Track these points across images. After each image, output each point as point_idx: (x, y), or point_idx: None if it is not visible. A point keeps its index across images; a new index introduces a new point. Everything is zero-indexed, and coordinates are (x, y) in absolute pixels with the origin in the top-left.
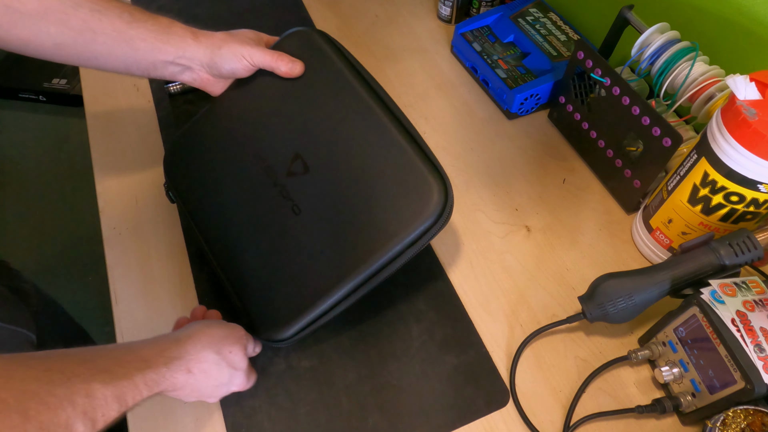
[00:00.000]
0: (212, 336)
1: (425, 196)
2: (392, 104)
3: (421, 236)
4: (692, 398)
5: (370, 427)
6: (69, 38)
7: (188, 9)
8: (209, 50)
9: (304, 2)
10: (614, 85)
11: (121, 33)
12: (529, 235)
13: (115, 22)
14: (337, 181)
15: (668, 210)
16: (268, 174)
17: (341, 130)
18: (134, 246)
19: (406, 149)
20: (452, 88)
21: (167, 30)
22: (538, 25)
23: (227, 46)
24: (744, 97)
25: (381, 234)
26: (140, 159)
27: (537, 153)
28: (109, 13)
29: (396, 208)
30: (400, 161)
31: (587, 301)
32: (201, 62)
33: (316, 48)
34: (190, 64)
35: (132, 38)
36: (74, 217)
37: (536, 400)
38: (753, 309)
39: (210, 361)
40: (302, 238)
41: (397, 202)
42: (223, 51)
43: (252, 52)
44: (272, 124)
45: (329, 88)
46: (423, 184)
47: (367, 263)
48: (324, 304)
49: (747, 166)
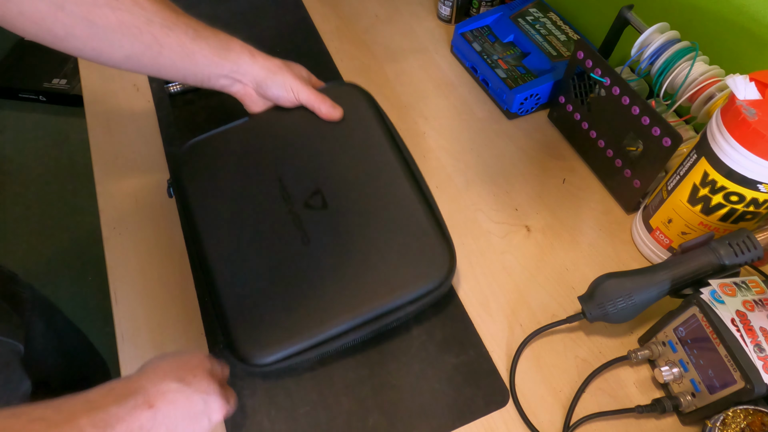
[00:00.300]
0: (168, 365)
1: (434, 261)
2: (416, 168)
3: (420, 298)
4: (692, 398)
5: (370, 427)
6: (138, 51)
7: (188, 9)
8: (264, 71)
9: (304, 2)
10: (614, 85)
11: (185, 48)
12: (528, 235)
13: (181, 37)
14: (352, 224)
15: (668, 210)
16: (285, 199)
17: (365, 179)
18: (134, 246)
19: (422, 213)
20: (452, 88)
21: (226, 46)
22: (538, 25)
23: (281, 73)
24: (744, 96)
25: (383, 285)
26: (140, 159)
27: (537, 153)
28: (177, 29)
29: (402, 265)
30: (414, 223)
31: (587, 301)
32: (253, 79)
33: (358, 102)
34: (242, 78)
35: (194, 53)
36: (74, 217)
37: (536, 400)
38: (753, 309)
39: (173, 390)
40: (305, 270)
41: (405, 261)
42: (277, 77)
43: (300, 88)
44: (301, 155)
45: (362, 140)
46: (433, 250)
47: (362, 310)
48: (310, 340)
49: (747, 165)
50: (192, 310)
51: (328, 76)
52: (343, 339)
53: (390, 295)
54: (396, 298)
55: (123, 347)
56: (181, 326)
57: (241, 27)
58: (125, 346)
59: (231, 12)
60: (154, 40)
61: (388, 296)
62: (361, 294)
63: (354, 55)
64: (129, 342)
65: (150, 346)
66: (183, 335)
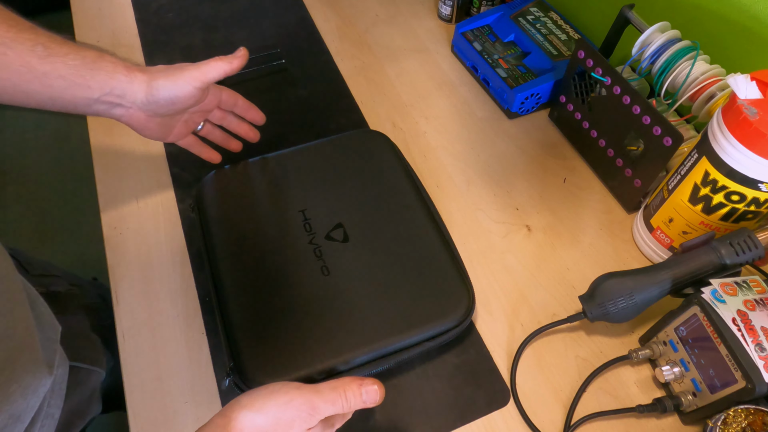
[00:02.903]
0: (264, 423)
1: (453, 300)
2: (435, 212)
3: (437, 336)
4: (693, 397)
5: (370, 426)
6: None
7: (188, 8)
8: (144, 85)
9: (304, 2)
10: (615, 85)
11: (31, 69)
12: (529, 234)
13: (25, 56)
14: (373, 260)
15: (669, 209)
16: (307, 229)
17: (386, 217)
18: (135, 246)
19: (442, 253)
20: (453, 88)
21: (93, 65)
22: (539, 25)
23: (167, 74)
24: (745, 96)
25: (400, 321)
26: (141, 159)
27: (537, 152)
28: (16, 46)
29: (422, 302)
30: (434, 262)
31: (588, 300)
32: (134, 99)
33: (382, 146)
34: (120, 101)
35: (46, 74)
36: (75, 216)
37: (537, 399)
38: (754, 308)
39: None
40: (322, 299)
41: (424, 298)
42: (160, 81)
43: (192, 72)
44: (326, 190)
45: (385, 180)
46: (452, 289)
47: (377, 344)
48: (323, 370)
49: (748, 165)
50: (193, 311)
51: (329, 76)
52: (356, 372)
53: (408, 332)
54: (414, 335)
55: (124, 347)
56: (182, 326)
57: (241, 27)
58: (126, 346)
59: (231, 12)
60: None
61: (406, 332)
62: (379, 328)
63: (354, 54)
64: (130, 341)
65: (151, 345)
66: (184, 335)
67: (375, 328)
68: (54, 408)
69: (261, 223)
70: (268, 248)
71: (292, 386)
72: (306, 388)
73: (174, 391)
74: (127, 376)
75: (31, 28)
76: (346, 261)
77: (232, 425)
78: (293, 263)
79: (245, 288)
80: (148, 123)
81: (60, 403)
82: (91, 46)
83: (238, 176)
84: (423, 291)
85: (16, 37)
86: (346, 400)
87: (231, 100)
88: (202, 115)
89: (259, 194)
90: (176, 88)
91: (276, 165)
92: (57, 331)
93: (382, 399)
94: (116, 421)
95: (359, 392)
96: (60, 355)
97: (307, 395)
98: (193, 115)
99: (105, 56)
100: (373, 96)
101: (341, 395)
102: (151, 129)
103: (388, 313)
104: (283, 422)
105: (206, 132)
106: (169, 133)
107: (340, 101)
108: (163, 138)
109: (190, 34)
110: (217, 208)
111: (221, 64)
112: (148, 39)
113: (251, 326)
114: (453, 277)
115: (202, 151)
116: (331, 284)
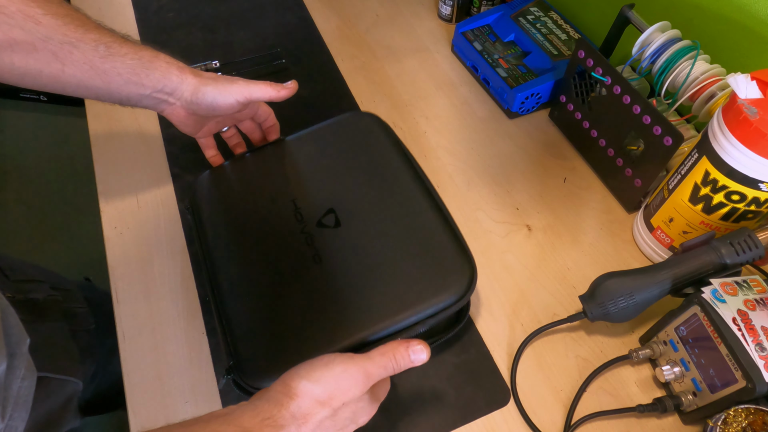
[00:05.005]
0: (321, 393)
1: (454, 274)
2: (431, 187)
3: (438, 313)
4: (693, 397)
5: (370, 426)
6: (35, 69)
7: (188, 8)
8: (192, 87)
9: (304, 2)
10: (615, 84)
11: (93, 67)
12: (529, 234)
13: (89, 55)
14: (366, 242)
15: (669, 209)
16: (298, 219)
17: (378, 196)
18: (135, 245)
19: (439, 228)
20: (453, 88)
21: (148, 65)
22: (539, 24)
23: (215, 83)
24: (745, 95)
25: (398, 302)
26: (141, 158)
27: (538, 152)
28: (82, 45)
29: (421, 281)
30: (431, 237)
31: (588, 300)
32: (181, 96)
33: (373, 128)
34: (168, 98)
35: (105, 72)
36: (75, 216)
37: (537, 399)
38: (754, 308)
39: (319, 418)
40: (317, 288)
41: (424, 275)
42: (209, 87)
43: (244, 85)
44: (317, 177)
45: (377, 161)
46: (453, 263)
47: (375, 328)
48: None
49: (748, 164)
50: (193, 310)
51: (329, 75)
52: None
53: (407, 311)
54: (413, 314)
55: (124, 346)
56: (182, 326)
57: (241, 27)
58: (126, 346)
59: (231, 12)
60: (52, 57)
61: (404, 311)
62: (376, 311)
63: (355, 54)
64: (130, 341)
65: (151, 345)
66: (184, 335)
67: (371, 311)
68: (17, 421)
69: (252, 218)
70: (259, 243)
71: (346, 356)
72: (358, 357)
73: (174, 391)
74: (127, 376)
75: (96, 29)
76: (338, 246)
77: (292, 392)
78: (284, 255)
79: (240, 285)
80: (186, 120)
81: (24, 415)
82: (148, 47)
83: (229, 174)
84: (422, 268)
85: (83, 38)
86: (396, 362)
87: (264, 116)
88: (234, 120)
89: (249, 189)
90: (221, 97)
91: (266, 157)
92: (25, 343)
93: (428, 356)
94: (116, 421)
95: (407, 353)
96: (27, 367)
97: (360, 363)
98: (226, 119)
99: (160, 56)
100: (373, 96)
101: (391, 358)
102: (187, 125)
103: (385, 295)
104: (340, 391)
105: (228, 135)
106: (201, 129)
107: (340, 101)
108: (193, 133)
109: (190, 34)
110: (210, 207)
111: (269, 90)
112: (148, 39)
113: (248, 323)
114: (452, 251)
115: (209, 151)
116: (323, 272)
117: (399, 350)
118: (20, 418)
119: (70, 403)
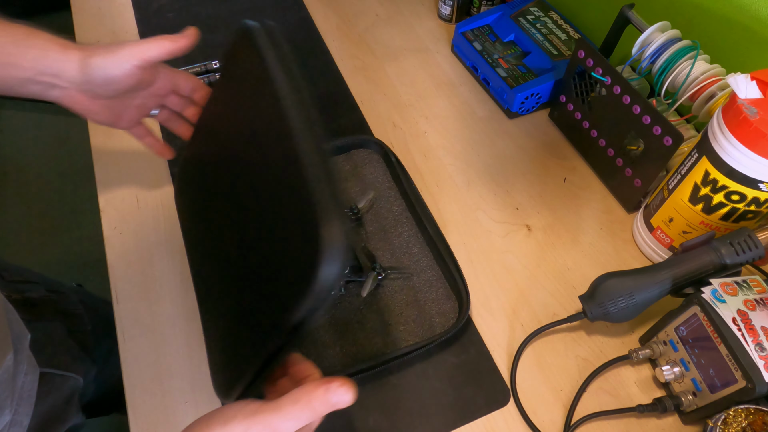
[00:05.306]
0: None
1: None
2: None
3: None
4: (693, 397)
5: (370, 426)
6: None
7: (188, 8)
8: (79, 64)
9: (304, 1)
10: (615, 84)
11: None
12: (529, 234)
13: None
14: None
15: (669, 209)
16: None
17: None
18: (135, 246)
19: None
20: (453, 88)
21: (24, 42)
22: (539, 24)
23: (106, 52)
24: (745, 95)
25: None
26: (141, 158)
27: (537, 152)
28: None
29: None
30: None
31: (588, 300)
32: (71, 78)
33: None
34: (56, 81)
35: None
36: (75, 216)
37: (537, 399)
38: (754, 308)
39: None
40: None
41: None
42: (96, 59)
43: (130, 49)
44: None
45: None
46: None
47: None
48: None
49: (748, 164)
50: (193, 310)
51: (329, 75)
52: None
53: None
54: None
55: (124, 346)
56: (182, 326)
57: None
58: (126, 346)
59: (231, 12)
60: None
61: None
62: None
63: (354, 54)
64: (130, 341)
65: (151, 345)
66: (184, 335)
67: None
68: (22, 415)
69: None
70: (212, 242)
71: (248, 411)
72: (264, 410)
73: (174, 391)
74: (127, 376)
75: None
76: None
77: None
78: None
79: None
80: (91, 106)
81: (29, 410)
82: (23, 24)
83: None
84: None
85: None
86: (313, 411)
87: (189, 86)
88: (156, 99)
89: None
90: (113, 66)
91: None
92: (26, 339)
93: (354, 397)
94: (116, 421)
95: (325, 398)
96: (29, 363)
97: (265, 419)
98: (146, 100)
99: (37, 33)
100: (373, 96)
101: (304, 407)
102: (97, 113)
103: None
104: None
105: (163, 118)
106: (120, 118)
107: (340, 101)
108: (113, 123)
109: None
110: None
111: (165, 42)
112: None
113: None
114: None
115: (145, 140)
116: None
117: (315, 395)
118: (25, 413)
119: (72, 400)
